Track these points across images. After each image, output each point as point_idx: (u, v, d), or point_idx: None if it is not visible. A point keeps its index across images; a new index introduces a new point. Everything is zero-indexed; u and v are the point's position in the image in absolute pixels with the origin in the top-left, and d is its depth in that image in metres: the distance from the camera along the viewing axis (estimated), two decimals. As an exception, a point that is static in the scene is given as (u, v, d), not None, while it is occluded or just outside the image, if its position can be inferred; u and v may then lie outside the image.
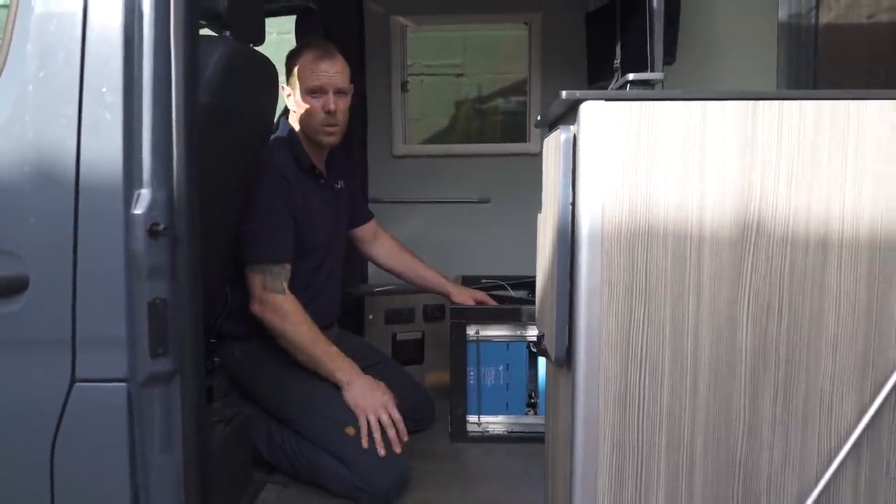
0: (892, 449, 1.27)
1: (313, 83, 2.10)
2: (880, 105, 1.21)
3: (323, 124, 2.13)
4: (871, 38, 2.41)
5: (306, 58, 2.11)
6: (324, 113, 2.11)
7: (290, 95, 2.17)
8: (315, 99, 2.11)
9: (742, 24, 2.90)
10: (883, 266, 1.23)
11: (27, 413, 1.20)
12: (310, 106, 2.12)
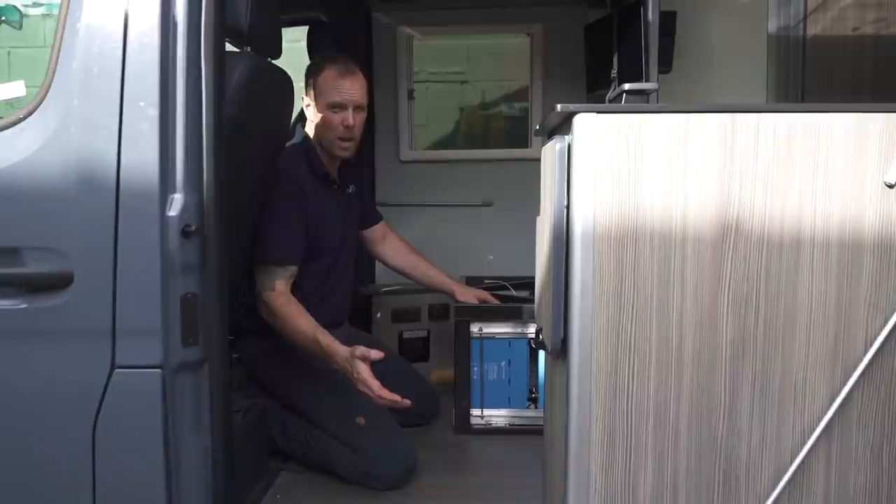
0: (860, 431, 1.37)
1: (335, 99, 2.21)
2: (847, 118, 1.32)
3: (339, 137, 2.24)
4: (857, 50, 2.52)
5: (330, 73, 2.22)
6: (342, 127, 2.22)
7: (309, 105, 2.27)
8: (335, 113, 2.22)
9: (734, 36, 2.99)
10: (851, 266, 1.34)
11: (71, 396, 1.32)
12: (329, 119, 2.22)
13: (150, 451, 1.32)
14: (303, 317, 2.07)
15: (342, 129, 2.23)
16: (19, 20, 2.28)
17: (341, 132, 2.24)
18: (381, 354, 1.99)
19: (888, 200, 1.33)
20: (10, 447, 1.34)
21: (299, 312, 2.08)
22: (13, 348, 1.32)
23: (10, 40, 4.19)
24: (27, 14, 2.45)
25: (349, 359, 1.97)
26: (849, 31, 2.60)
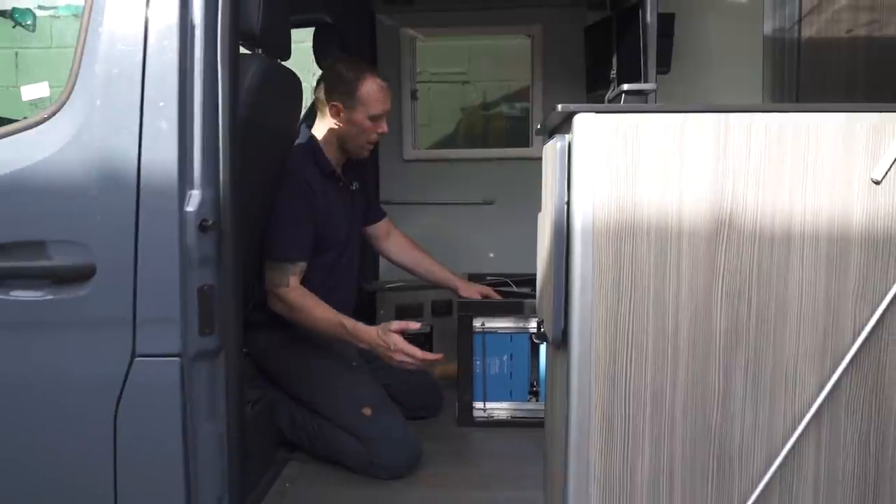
0: (849, 418, 1.43)
1: (379, 110, 2.31)
2: (835, 117, 1.38)
3: (369, 142, 2.37)
4: (851, 51, 2.57)
5: (373, 86, 2.30)
6: (376, 134, 2.34)
7: (340, 109, 2.32)
8: (374, 123, 2.32)
9: (731, 37, 3.05)
10: (839, 259, 1.40)
11: (94, 383, 1.37)
12: (367, 127, 2.32)
13: (168, 436, 1.37)
14: (321, 306, 2.17)
15: (376, 135, 2.36)
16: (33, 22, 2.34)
17: (374, 138, 2.37)
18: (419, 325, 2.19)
19: (874, 196, 1.38)
20: (35, 432, 1.40)
21: (317, 303, 2.17)
22: (39, 338, 1.38)
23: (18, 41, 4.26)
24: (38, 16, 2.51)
25: (382, 335, 2.10)
26: (842, 33, 2.65)
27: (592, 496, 1.47)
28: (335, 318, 2.16)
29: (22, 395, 1.40)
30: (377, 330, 2.13)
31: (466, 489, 2.04)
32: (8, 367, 1.39)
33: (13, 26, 2.31)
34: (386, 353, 2.11)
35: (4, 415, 1.41)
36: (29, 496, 1.41)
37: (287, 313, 2.17)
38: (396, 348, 2.08)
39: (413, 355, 2.10)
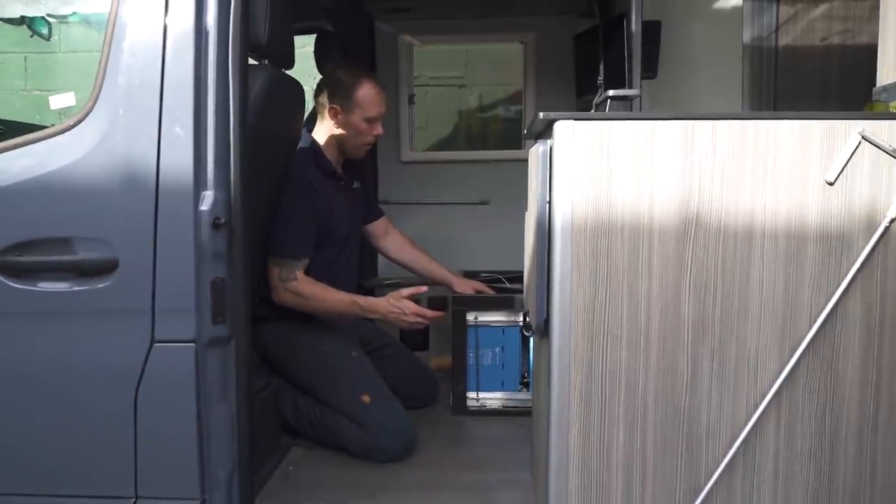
0: (805, 398, 1.55)
1: (374, 113, 2.43)
2: (792, 124, 1.50)
3: (366, 143, 2.50)
4: (825, 59, 2.69)
5: (369, 90, 2.42)
6: (372, 135, 2.47)
7: (337, 112, 2.44)
8: (370, 125, 2.44)
9: (714, 44, 3.16)
10: (796, 254, 1.52)
11: (116, 367, 1.49)
12: (363, 129, 2.44)
13: (184, 416, 1.49)
14: (330, 290, 2.33)
15: (372, 137, 2.49)
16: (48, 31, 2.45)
17: (370, 140, 2.51)
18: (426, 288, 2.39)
19: (828, 197, 1.51)
20: (63, 412, 1.52)
21: (326, 288, 2.33)
22: (66, 325, 1.50)
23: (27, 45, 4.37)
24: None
25: (394, 302, 2.32)
26: (817, 42, 2.77)
27: (571, 473, 1.59)
28: (347, 298, 2.34)
29: (49, 378, 1.52)
30: (387, 299, 2.34)
31: (459, 471, 2.16)
32: (36, 352, 1.51)
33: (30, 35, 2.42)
34: (400, 317, 2.32)
35: (33, 396, 1.53)
36: (56, 471, 1.53)
37: (300, 304, 2.30)
38: (410, 311, 2.30)
39: (424, 315, 2.33)
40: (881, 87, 1.91)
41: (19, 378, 1.53)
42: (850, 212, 1.51)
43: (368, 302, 2.38)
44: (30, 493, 1.52)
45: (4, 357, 1.52)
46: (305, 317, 2.39)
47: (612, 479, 1.58)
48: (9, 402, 1.53)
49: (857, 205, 1.50)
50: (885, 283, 1.51)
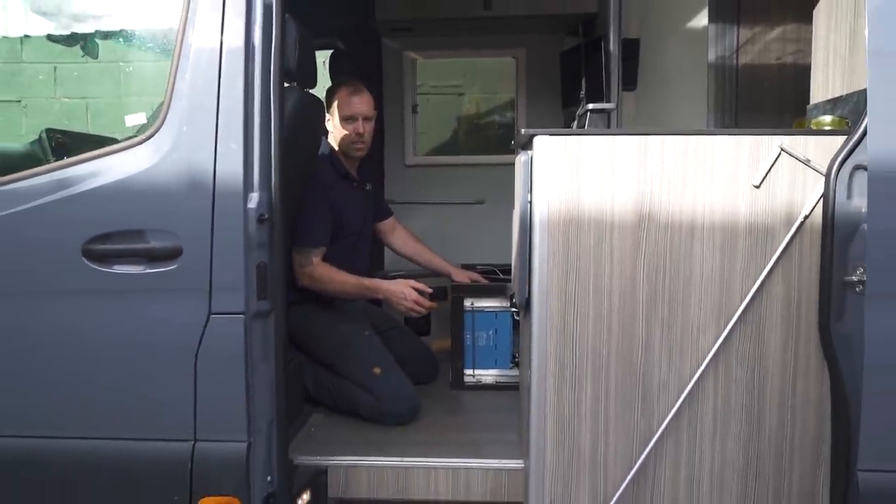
0: (737, 362, 1.87)
1: (347, 112, 2.74)
2: (726, 139, 1.84)
3: (353, 143, 2.78)
4: (780, 75, 3.02)
5: (342, 93, 2.75)
6: (355, 134, 2.76)
7: (329, 121, 2.80)
8: (348, 124, 2.75)
9: (686, 60, 3.49)
10: (729, 244, 1.85)
11: (180, 334, 1.82)
12: (345, 129, 2.76)
13: (234, 374, 1.82)
14: (343, 273, 2.67)
15: (355, 136, 2.78)
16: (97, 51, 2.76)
17: (354, 138, 2.78)
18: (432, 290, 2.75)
19: (755, 198, 1.84)
20: (135, 373, 1.84)
21: (339, 271, 2.66)
22: (139, 301, 1.82)
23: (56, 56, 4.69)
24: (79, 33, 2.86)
25: (403, 287, 2.69)
26: (773, 61, 3.10)
27: (548, 424, 1.93)
28: (356, 279, 2.68)
29: (124, 344, 1.85)
30: (395, 283, 2.70)
31: (456, 433, 2.49)
32: (114, 322, 1.84)
33: (82, 56, 2.73)
34: (401, 300, 2.67)
35: (111, 358, 1.86)
36: (129, 418, 1.86)
37: (317, 286, 2.63)
38: (410, 298, 2.66)
39: (422, 304, 2.67)
40: (812, 105, 2.26)
41: (100, 343, 1.85)
42: (772, 210, 1.84)
43: (374, 282, 2.73)
44: (109, 437, 1.85)
45: (88, 325, 1.84)
46: (324, 302, 2.73)
47: (582, 426, 1.92)
48: (90, 362, 1.86)
49: (778, 204, 1.84)
50: (801, 267, 1.84)
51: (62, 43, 2.46)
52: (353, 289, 2.69)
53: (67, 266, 1.82)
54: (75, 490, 1.85)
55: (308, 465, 2.18)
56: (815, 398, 1.86)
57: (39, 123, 4.00)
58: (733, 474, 1.89)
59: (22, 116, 4.21)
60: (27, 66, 4.43)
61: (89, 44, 2.69)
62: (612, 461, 1.91)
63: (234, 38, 1.80)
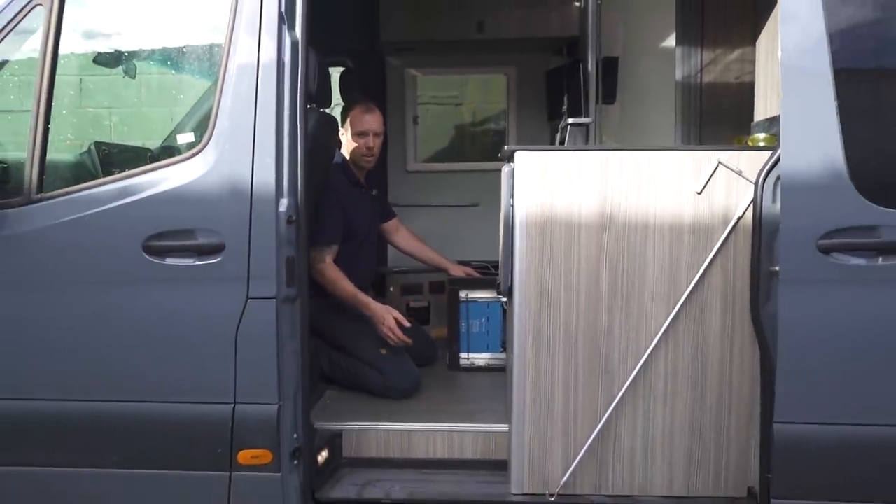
0: (683, 339, 2.23)
1: (360, 129, 3.11)
2: (672, 154, 2.21)
3: (364, 155, 3.16)
4: (739, 93, 3.36)
5: (357, 111, 3.12)
6: (365, 148, 3.14)
7: (344, 134, 3.17)
8: (361, 139, 3.12)
9: (659, 77, 3.85)
10: (676, 241, 2.21)
11: (224, 315, 2.16)
12: (357, 143, 3.13)
13: (267, 348, 2.18)
14: (345, 280, 2.99)
15: (365, 149, 3.15)
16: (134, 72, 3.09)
17: (364, 151, 3.16)
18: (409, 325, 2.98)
19: (697, 202, 2.20)
20: (186, 348, 2.19)
21: (342, 277, 2.99)
22: (190, 288, 2.17)
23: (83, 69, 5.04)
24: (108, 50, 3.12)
25: (384, 313, 2.94)
26: (732, 80, 3.45)
27: (527, 392, 2.29)
28: (352, 290, 2.99)
29: (176, 323, 2.20)
30: (382, 308, 2.97)
31: (451, 404, 2.84)
32: (168, 305, 2.20)
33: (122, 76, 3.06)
34: (380, 324, 2.94)
35: (165, 336, 2.22)
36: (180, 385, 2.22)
37: (322, 283, 2.99)
38: (388, 325, 2.93)
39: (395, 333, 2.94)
40: (755, 122, 2.63)
41: (156, 323, 2.21)
42: (712, 212, 2.20)
43: (367, 300, 3.00)
44: (166, 401, 2.20)
45: (147, 309, 2.20)
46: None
47: (555, 394, 2.28)
48: (148, 339, 2.21)
49: (717, 207, 2.20)
50: (736, 260, 2.20)
51: (113, 65, 2.79)
52: (348, 296, 3.01)
53: (130, 260, 2.18)
54: (142, 443, 2.22)
55: (326, 429, 2.54)
56: (747, 367, 2.22)
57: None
58: (681, 430, 2.26)
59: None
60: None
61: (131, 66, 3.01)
62: (580, 422, 2.28)
63: (267, 72, 2.16)
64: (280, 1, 2.17)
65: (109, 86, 4.44)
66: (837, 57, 1.97)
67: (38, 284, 2.23)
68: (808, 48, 1.98)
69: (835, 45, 1.97)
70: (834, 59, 1.97)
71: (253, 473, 2.22)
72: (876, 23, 2.03)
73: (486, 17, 3.78)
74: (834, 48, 1.97)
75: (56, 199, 2.22)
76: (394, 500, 2.37)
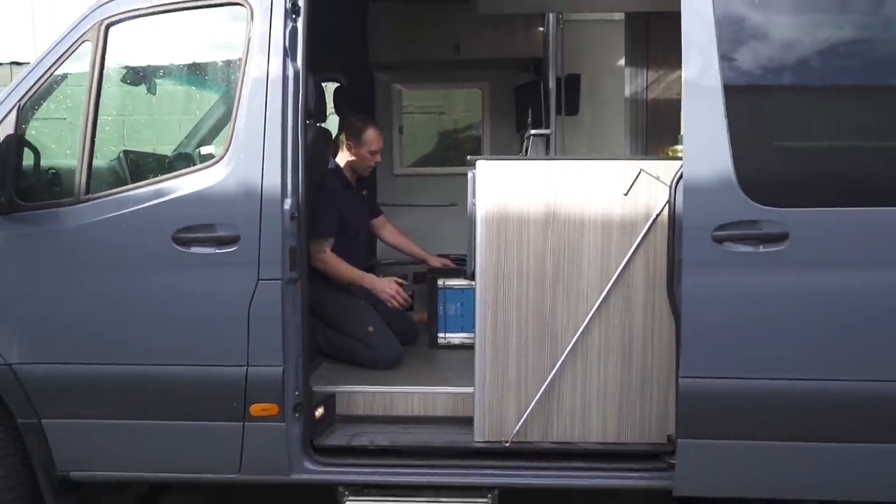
0: (613, 314, 2.66)
1: (375, 147, 3.63)
2: (603, 163, 2.67)
3: (370, 166, 3.69)
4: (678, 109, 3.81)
5: (372, 133, 3.62)
6: (374, 161, 3.66)
7: (350, 146, 3.63)
8: (372, 154, 3.64)
9: (613, 93, 4.34)
10: (607, 235, 2.66)
11: (238, 294, 2.61)
12: (368, 157, 3.64)
13: (274, 321, 2.63)
14: (343, 263, 3.48)
15: (373, 162, 3.68)
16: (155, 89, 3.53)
17: (372, 164, 3.70)
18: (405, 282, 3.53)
19: (624, 202, 2.65)
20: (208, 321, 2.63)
21: (341, 261, 3.49)
22: (212, 272, 2.61)
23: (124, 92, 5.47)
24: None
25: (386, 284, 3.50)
26: (674, 97, 3.92)
27: (487, 359, 2.75)
28: (353, 271, 3.51)
29: (200, 301, 2.66)
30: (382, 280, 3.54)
31: (430, 373, 3.31)
32: (193, 287, 2.65)
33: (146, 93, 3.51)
34: (385, 292, 3.46)
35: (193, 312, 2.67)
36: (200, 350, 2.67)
37: (326, 268, 3.46)
38: (392, 289, 3.48)
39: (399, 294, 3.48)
40: (681, 134, 3.11)
41: (183, 302, 2.66)
42: (636, 211, 2.66)
43: (365, 276, 3.54)
44: (193, 364, 2.65)
45: (177, 290, 2.64)
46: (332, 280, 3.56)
47: (509, 359, 2.73)
48: (177, 315, 2.67)
49: (640, 206, 2.66)
50: (655, 249, 2.66)
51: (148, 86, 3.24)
52: (350, 276, 3.51)
53: (162, 249, 2.63)
54: (172, 399, 2.67)
55: (322, 391, 3.01)
56: (665, 334, 2.67)
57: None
58: (613, 387, 2.71)
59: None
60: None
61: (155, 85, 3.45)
62: (530, 382, 2.72)
63: (274, 96, 2.62)
64: (284, 38, 2.63)
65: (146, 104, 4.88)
66: (727, 80, 2.43)
67: (86, 269, 2.68)
68: (704, 72, 2.44)
69: (724, 70, 2.43)
70: (724, 82, 2.43)
71: (262, 423, 2.68)
72: (759, 50, 2.48)
73: (461, 40, 4.26)
74: (724, 73, 2.43)
75: (101, 199, 2.68)
76: (377, 446, 2.83)
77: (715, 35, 2.43)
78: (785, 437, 2.46)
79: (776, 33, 2.46)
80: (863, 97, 2.51)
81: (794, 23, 2.47)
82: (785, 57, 2.47)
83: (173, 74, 3.11)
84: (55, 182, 2.76)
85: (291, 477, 2.72)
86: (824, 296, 2.41)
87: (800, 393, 2.42)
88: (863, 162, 2.52)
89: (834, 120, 2.53)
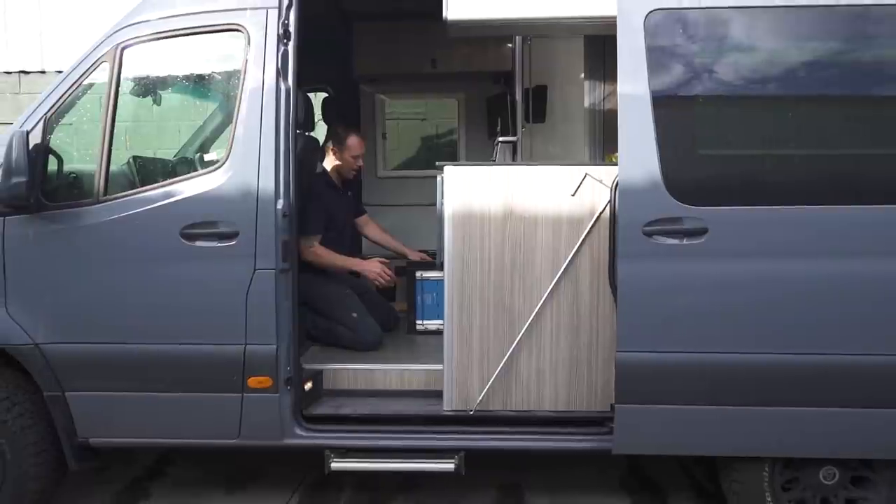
0: (563, 297, 3.05)
1: (357, 153, 4.01)
2: (554, 168, 3.06)
3: (354, 170, 4.07)
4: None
5: (354, 140, 4.00)
6: (357, 165, 4.04)
7: (335, 152, 4.02)
8: (355, 159, 4.02)
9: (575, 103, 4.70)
10: (557, 229, 3.04)
11: (237, 281, 2.96)
12: (352, 163, 4.01)
13: (268, 305, 2.98)
14: (333, 253, 3.87)
15: (357, 166, 4.06)
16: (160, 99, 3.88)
17: (355, 168, 4.08)
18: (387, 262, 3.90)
19: (572, 202, 3.04)
20: (212, 306, 3.02)
21: (330, 252, 3.87)
22: (214, 263, 2.97)
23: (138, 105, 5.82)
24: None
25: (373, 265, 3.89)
26: (627, 107, 4.31)
27: (454, 338, 3.13)
28: (342, 258, 3.91)
29: (204, 289, 3.02)
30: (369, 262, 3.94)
31: (409, 353, 3.68)
32: (200, 277, 3.02)
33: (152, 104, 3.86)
34: (372, 271, 3.87)
35: (198, 298, 3.04)
36: (211, 331, 3.06)
37: (317, 260, 3.83)
38: (379, 268, 3.88)
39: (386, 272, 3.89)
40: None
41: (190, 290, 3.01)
42: (582, 209, 3.04)
43: (356, 261, 3.95)
44: (194, 343, 3.02)
45: (184, 279, 3.00)
46: (319, 270, 3.94)
47: (473, 338, 3.10)
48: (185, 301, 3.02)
49: (586, 205, 3.04)
50: (599, 242, 3.02)
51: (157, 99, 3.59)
52: (341, 263, 3.90)
53: (171, 243, 2.98)
54: (180, 373, 3.02)
55: (310, 368, 3.38)
56: (608, 315, 3.04)
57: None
58: (564, 361, 3.09)
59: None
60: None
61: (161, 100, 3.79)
62: (491, 358, 3.10)
63: (268, 110, 2.99)
64: (277, 60, 3.00)
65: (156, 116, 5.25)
66: (656, 96, 2.82)
67: (104, 261, 3.04)
68: (636, 89, 2.83)
69: (653, 88, 2.82)
70: (653, 98, 2.82)
71: (258, 394, 3.04)
72: (683, 71, 2.86)
73: (437, 55, 4.64)
74: (653, 90, 2.82)
75: (117, 200, 3.04)
76: (360, 415, 3.21)
77: (645, 58, 2.82)
78: (705, 401, 2.85)
79: (698, 57, 2.85)
80: (769, 110, 2.91)
81: (711, 48, 2.86)
82: (704, 77, 2.86)
83: (179, 90, 3.47)
84: (76, 185, 3.12)
85: (284, 442, 3.09)
86: (737, 281, 2.80)
87: (717, 363, 2.81)
88: (771, 167, 2.92)
89: (747, 131, 2.93)
